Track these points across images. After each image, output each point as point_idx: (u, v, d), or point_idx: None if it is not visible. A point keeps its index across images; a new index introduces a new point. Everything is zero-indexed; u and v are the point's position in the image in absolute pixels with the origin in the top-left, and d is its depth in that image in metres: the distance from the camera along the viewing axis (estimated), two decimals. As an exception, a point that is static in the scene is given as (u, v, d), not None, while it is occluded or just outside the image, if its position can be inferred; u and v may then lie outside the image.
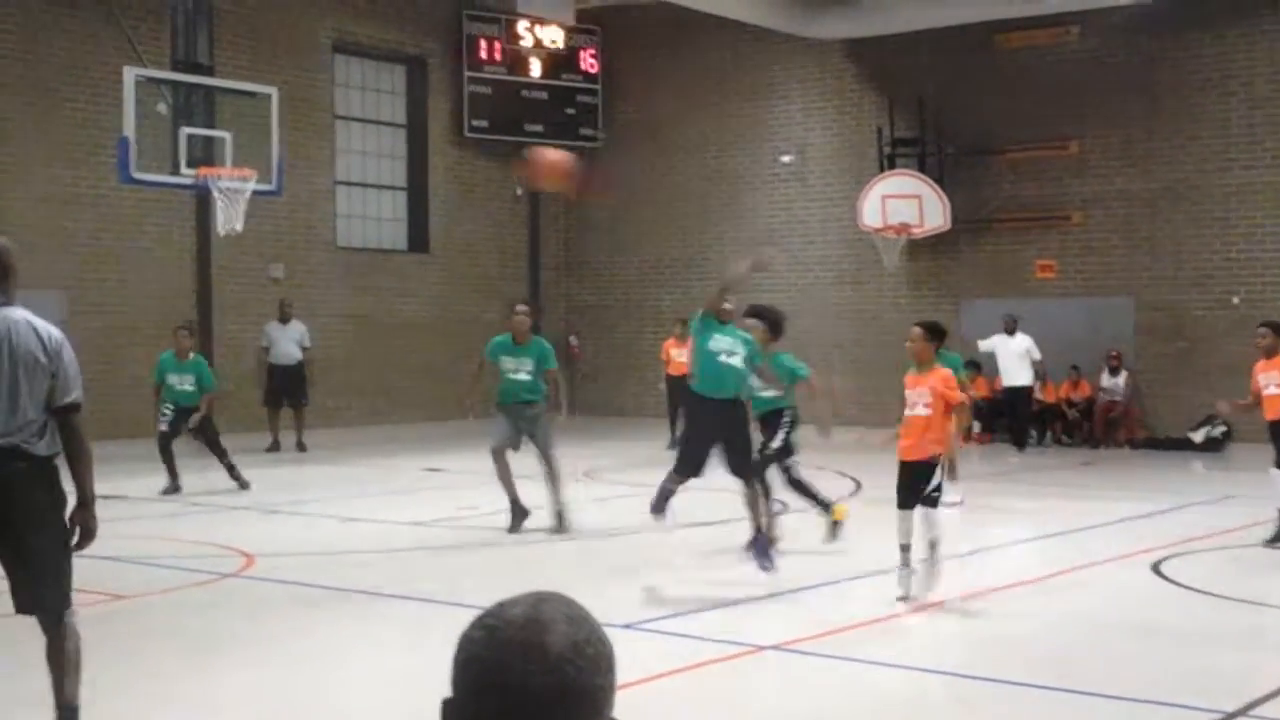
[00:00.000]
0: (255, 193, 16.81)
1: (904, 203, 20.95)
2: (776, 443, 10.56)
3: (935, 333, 9.30)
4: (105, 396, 19.15)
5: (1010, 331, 19.37)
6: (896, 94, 22.08)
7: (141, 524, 12.36)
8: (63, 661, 5.80)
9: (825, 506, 10.82)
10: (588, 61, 24.87)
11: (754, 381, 9.98)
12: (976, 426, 20.22)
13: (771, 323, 10.60)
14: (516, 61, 24.24)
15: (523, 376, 11.95)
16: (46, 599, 5.78)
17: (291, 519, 13.02)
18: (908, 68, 22.12)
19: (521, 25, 24.07)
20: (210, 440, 14.76)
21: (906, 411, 8.98)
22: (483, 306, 24.14)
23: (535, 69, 24.40)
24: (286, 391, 19.15)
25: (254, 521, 12.85)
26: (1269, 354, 11.05)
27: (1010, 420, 19.77)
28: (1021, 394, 19.34)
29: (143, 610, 8.98)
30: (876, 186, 21.29)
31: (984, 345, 19.47)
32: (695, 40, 23.99)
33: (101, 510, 6.12)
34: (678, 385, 18.73)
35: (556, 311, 24.97)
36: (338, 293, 21.98)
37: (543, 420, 12.01)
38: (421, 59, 23.73)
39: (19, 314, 5.70)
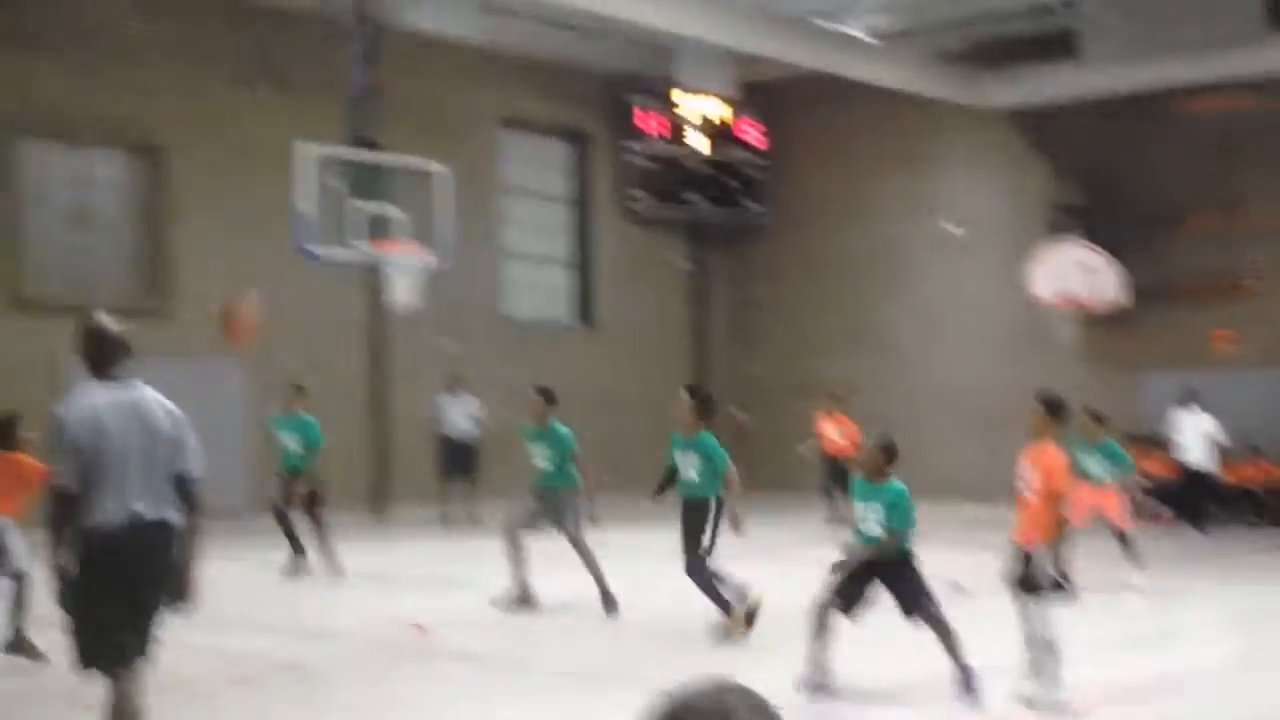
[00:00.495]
0: (426, 267, 17.09)
1: (1076, 273, 20.45)
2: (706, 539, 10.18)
3: (1051, 408, 8.57)
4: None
5: (1188, 405, 18.71)
6: (1066, 162, 21.71)
7: (321, 596, 12.53)
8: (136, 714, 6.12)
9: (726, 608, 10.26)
10: (751, 134, 24.91)
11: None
12: (1160, 507, 19.52)
13: (701, 401, 10.27)
14: (679, 135, 24.39)
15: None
16: (148, 651, 6.08)
17: (464, 591, 13.06)
18: (1078, 135, 21.74)
19: (685, 100, 24.23)
20: (315, 512, 14.04)
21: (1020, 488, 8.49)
22: (648, 380, 24.19)
23: (699, 143, 24.52)
24: (457, 464, 19.34)
25: (429, 593, 12.92)
26: None
27: (1190, 500, 18.98)
28: (1200, 473, 18.62)
29: (321, 680, 9.05)
30: (1047, 256, 20.85)
31: (1168, 424, 18.84)
32: (859, 111, 23.87)
33: (282, 581, 6.24)
34: (831, 461, 18.71)
35: (721, 385, 24.83)
36: (506, 365, 22.20)
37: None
38: (586, 134, 24.04)
39: (145, 391, 6.06)
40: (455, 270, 18.81)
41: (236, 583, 13.43)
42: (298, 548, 13.85)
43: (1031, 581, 8.23)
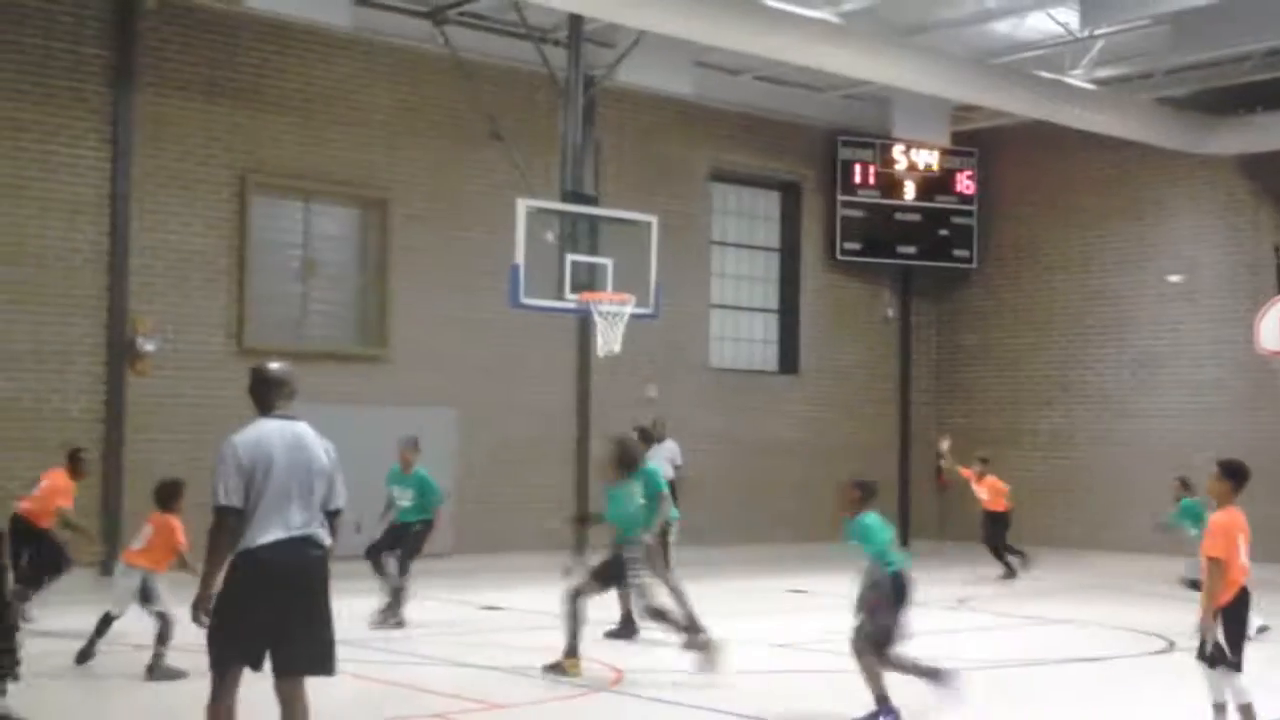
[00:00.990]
0: (633, 316, 17.37)
1: (1306, 325, 19.59)
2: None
3: (1229, 472, 8.22)
4: (493, 510, 20.11)
5: None
6: (1295, 210, 20.84)
7: (519, 635, 12.80)
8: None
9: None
10: (963, 183, 24.66)
11: None
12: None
13: (619, 456, 11.33)
14: (890, 184, 24.31)
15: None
16: (322, 661, 6.55)
17: (659, 635, 13.16)
18: (1306, 183, 20.88)
19: (896, 149, 24.16)
20: (405, 556, 13.67)
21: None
22: (852, 429, 24.06)
23: (909, 191, 24.40)
24: (657, 509, 19.48)
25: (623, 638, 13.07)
26: None
27: None
28: None
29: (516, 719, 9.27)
30: (1276, 306, 20.03)
31: None
32: (1075, 159, 23.40)
33: (484, 620, 6.53)
34: (986, 518, 19.29)
35: (927, 435, 24.54)
36: (709, 413, 22.37)
37: None
38: (795, 184, 24.14)
39: (306, 427, 6.65)
40: (662, 319, 19.09)
41: (439, 619, 13.84)
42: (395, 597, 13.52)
43: (1208, 652, 7.96)
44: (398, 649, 11.88)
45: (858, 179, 24.16)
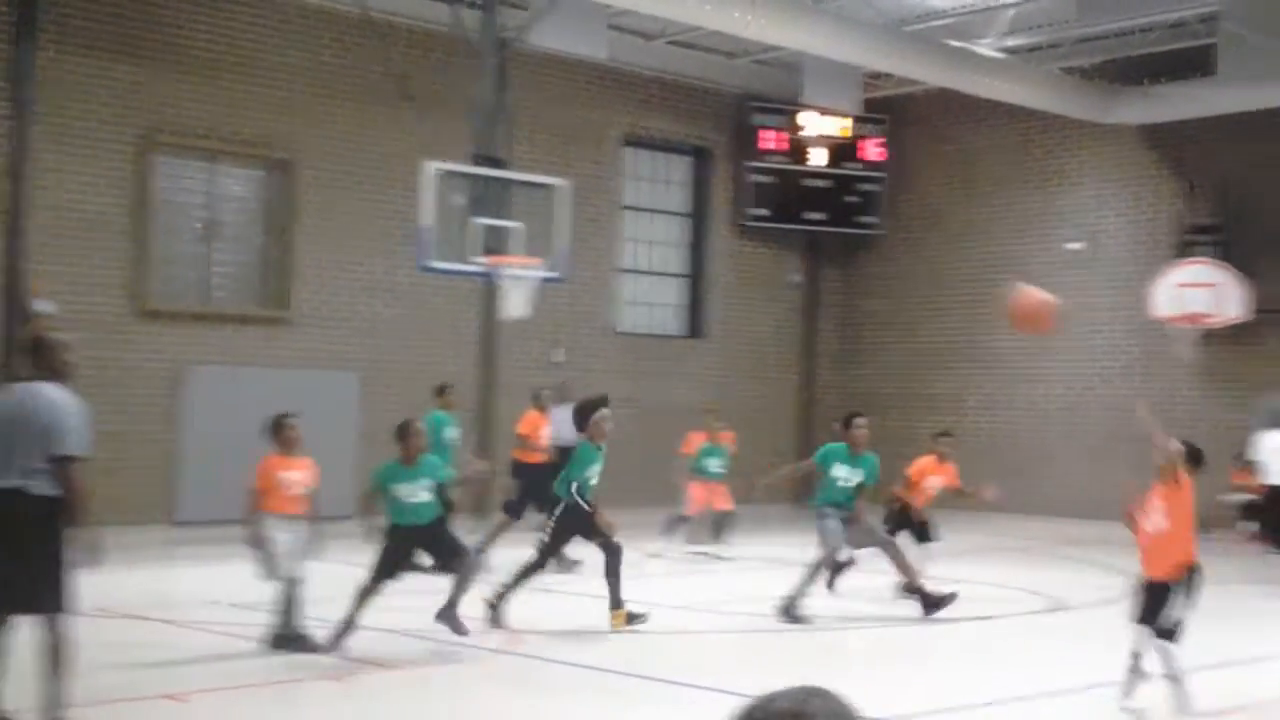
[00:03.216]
0: (541, 280, 17.39)
1: (1200, 291, 20.07)
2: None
3: (1193, 458, 8.74)
4: (396, 473, 20.08)
5: (1276, 425, 18.22)
6: (1196, 180, 21.30)
7: (416, 598, 12.82)
8: (52, 661, 7.02)
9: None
10: (871, 149, 24.88)
11: None
12: (1254, 526, 19.13)
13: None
14: (799, 151, 24.48)
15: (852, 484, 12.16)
16: (33, 600, 7.04)
17: (559, 598, 13.27)
18: (1208, 153, 21.33)
19: (806, 115, 24.31)
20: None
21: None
22: (758, 393, 24.27)
23: (818, 158, 24.58)
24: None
25: (522, 599, 13.15)
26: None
27: (1276, 520, 18.41)
28: None
29: (411, 682, 9.31)
30: (1171, 274, 20.50)
31: (1253, 445, 18.40)
32: (983, 127, 23.71)
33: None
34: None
35: (831, 399, 24.83)
36: (616, 377, 22.46)
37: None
38: (706, 150, 24.23)
39: (38, 388, 7.11)
40: (570, 283, 19.13)
41: (337, 583, 13.83)
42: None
43: (1159, 624, 8.23)
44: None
45: (767, 145, 24.29)
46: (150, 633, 10.74)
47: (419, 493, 10.33)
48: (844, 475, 12.03)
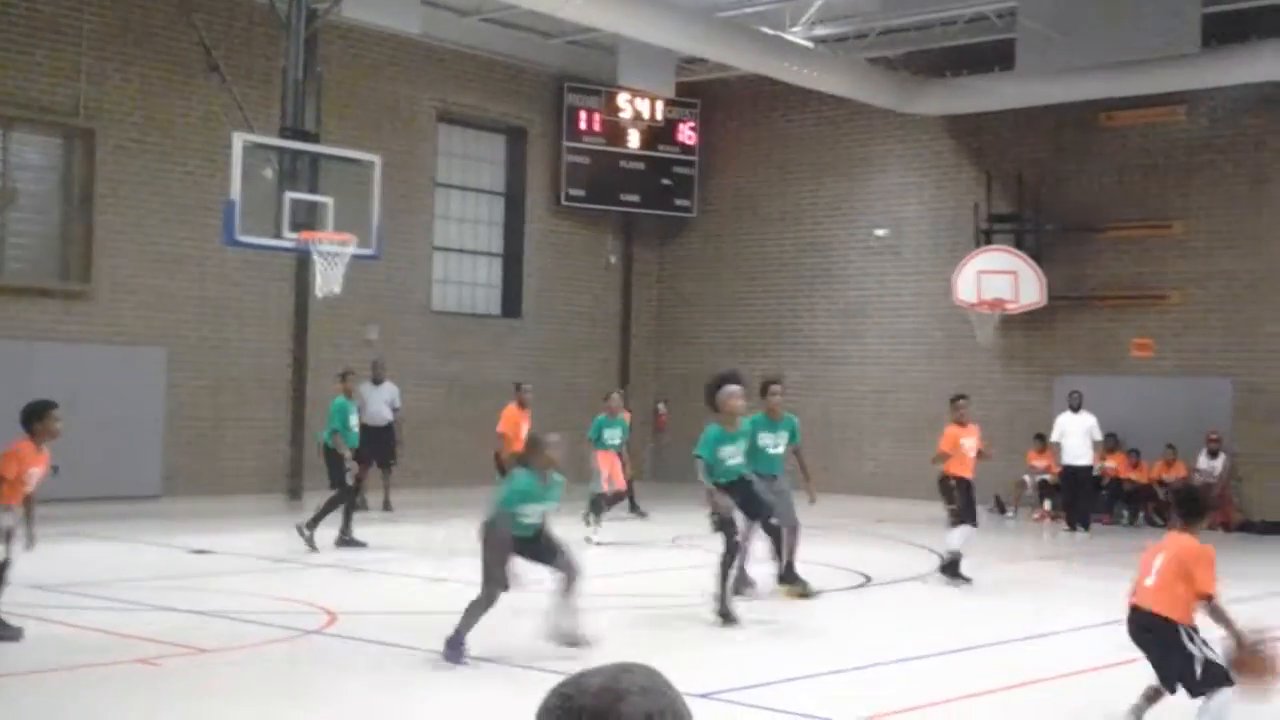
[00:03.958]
0: (354, 256, 17.10)
1: (999, 278, 20.81)
2: None
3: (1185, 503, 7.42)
4: (204, 453, 19.58)
5: (1075, 408, 19.10)
6: (995, 170, 22.03)
7: (229, 579, 12.55)
8: None
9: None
10: (685, 133, 25.13)
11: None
12: (1047, 504, 20.02)
13: None
14: (615, 132, 24.57)
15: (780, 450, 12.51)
16: None
17: (377, 578, 13.13)
18: (1007, 144, 22.10)
19: (621, 97, 24.41)
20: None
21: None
22: (574, 373, 24.32)
23: (633, 140, 24.72)
24: (375, 452, 19.30)
25: (339, 579, 12.98)
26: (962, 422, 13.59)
27: (1070, 498, 19.31)
28: (1081, 473, 18.96)
29: (224, 665, 9.10)
30: (972, 261, 21.20)
31: (1055, 427, 19.24)
32: (793, 114, 24.14)
33: (193, 564, 6.28)
34: None
35: (646, 379, 25.08)
36: (430, 355, 22.27)
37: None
38: (522, 129, 24.13)
39: None
40: (384, 261, 18.86)
41: (146, 564, 13.46)
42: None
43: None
44: (103, 595, 11.49)
45: (583, 126, 24.32)
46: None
47: (538, 513, 9.38)
48: (770, 442, 12.37)
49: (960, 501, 13.20)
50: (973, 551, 13.60)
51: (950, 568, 13.17)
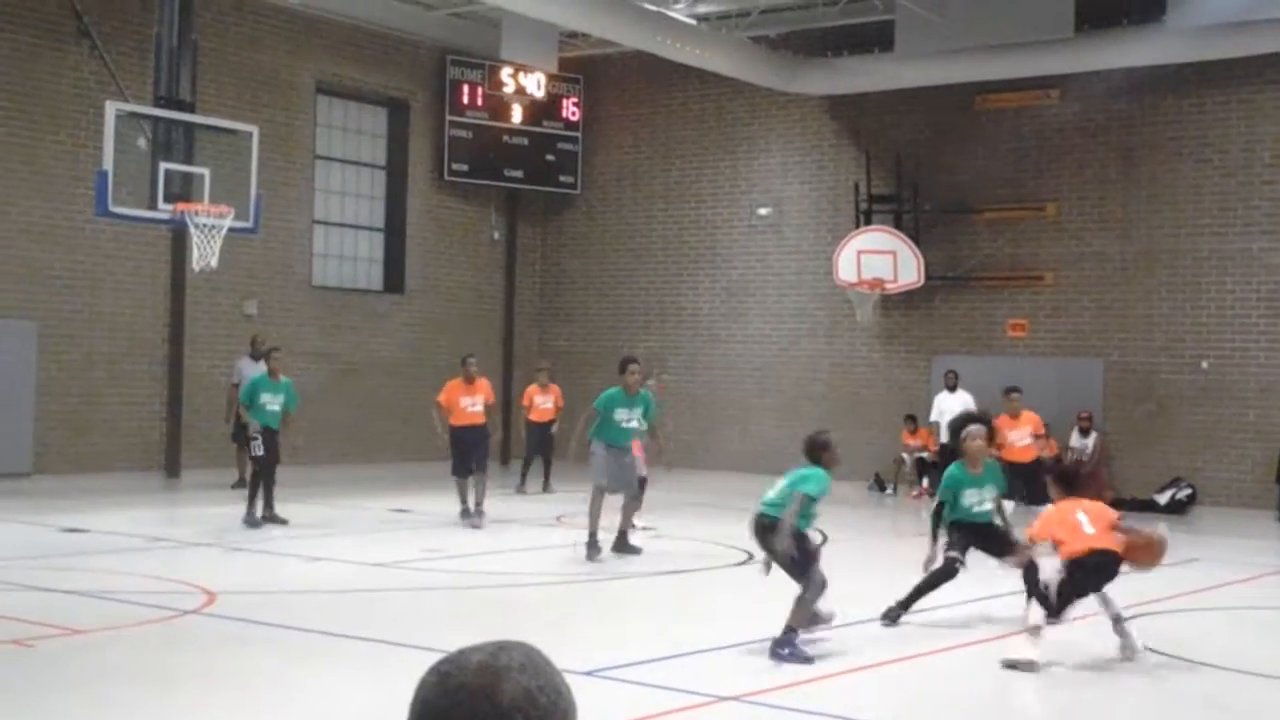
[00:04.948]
0: (232, 230, 16.77)
1: (879, 258, 21.09)
2: None
3: (1062, 479, 9.44)
4: (77, 429, 19.11)
5: (952, 388, 19.46)
6: (874, 151, 22.29)
7: (103, 559, 12.28)
8: None
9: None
10: (569, 109, 25.04)
11: None
12: (925, 482, 20.34)
13: None
14: (498, 107, 24.41)
15: (635, 424, 13.22)
16: None
17: (255, 557, 12.93)
18: (886, 125, 22.36)
19: (504, 72, 24.25)
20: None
21: None
22: (456, 348, 24.12)
23: (517, 115, 24.57)
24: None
25: (217, 559, 12.77)
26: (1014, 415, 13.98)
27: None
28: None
29: (100, 645, 8.90)
30: (852, 241, 21.44)
31: (933, 407, 19.59)
32: (676, 92, 24.18)
33: (65, 543, 6.11)
34: (536, 428, 19.37)
35: (530, 356, 24.98)
36: (311, 331, 21.98)
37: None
38: (404, 102, 23.85)
39: None
40: (263, 234, 18.54)
41: (17, 543, 13.11)
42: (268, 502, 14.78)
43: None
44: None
45: (466, 100, 24.13)
46: None
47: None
48: (625, 416, 13.09)
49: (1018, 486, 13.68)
50: (850, 529, 13.78)
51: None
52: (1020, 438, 14.18)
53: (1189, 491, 19.36)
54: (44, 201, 18.82)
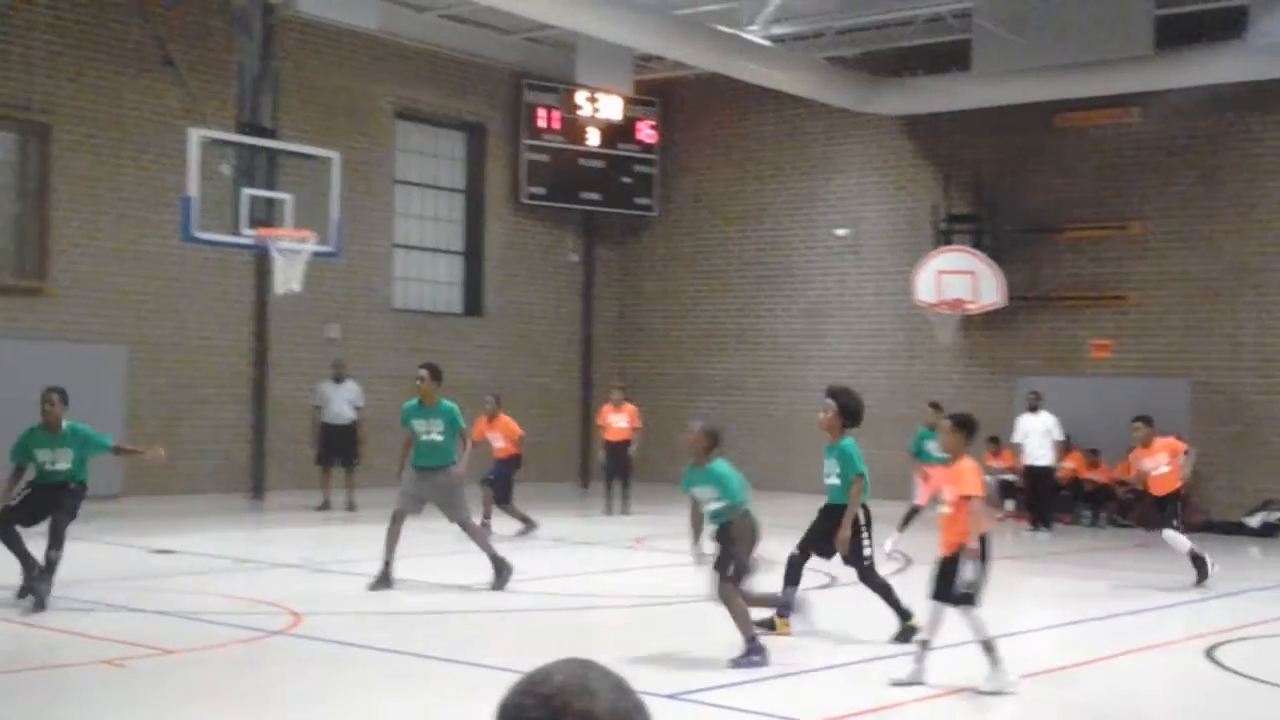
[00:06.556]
0: (314, 254, 16.99)
1: (959, 278, 20.91)
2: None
3: (961, 424, 8.92)
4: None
5: (1034, 409, 19.17)
6: (953, 170, 22.15)
7: (192, 579, 12.44)
8: None
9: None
10: (645, 131, 25.11)
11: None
12: (1010, 505, 20.09)
13: (846, 410, 10.24)
14: (574, 130, 24.52)
15: (435, 438, 12.28)
16: None
17: (340, 578, 13.04)
18: (965, 145, 22.21)
19: (580, 95, 24.36)
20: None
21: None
22: (535, 370, 24.29)
23: (593, 138, 24.68)
24: (338, 451, 19.22)
25: (303, 580, 12.89)
26: (1145, 443, 13.57)
27: (1032, 498, 19.38)
28: (1042, 473, 19.00)
29: (188, 665, 9.01)
30: (931, 261, 21.29)
31: (1015, 428, 19.27)
32: (752, 113, 24.18)
33: (155, 564, 6.19)
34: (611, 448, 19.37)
35: (607, 377, 24.99)
36: (391, 354, 22.16)
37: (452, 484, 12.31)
38: (481, 126, 24.04)
39: None
40: (344, 258, 18.76)
41: (108, 564, 13.31)
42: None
43: (952, 592, 8.49)
44: (66, 595, 11.35)
45: (542, 123, 24.26)
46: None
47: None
48: (423, 429, 12.34)
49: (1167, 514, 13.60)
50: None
51: (1198, 563, 13.38)
52: (1155, 466, 13.59)
53: (1280, 515, 18.99)
54: (131, 228, 19.16)
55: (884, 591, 10.16)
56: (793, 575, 10.29)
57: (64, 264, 18.65)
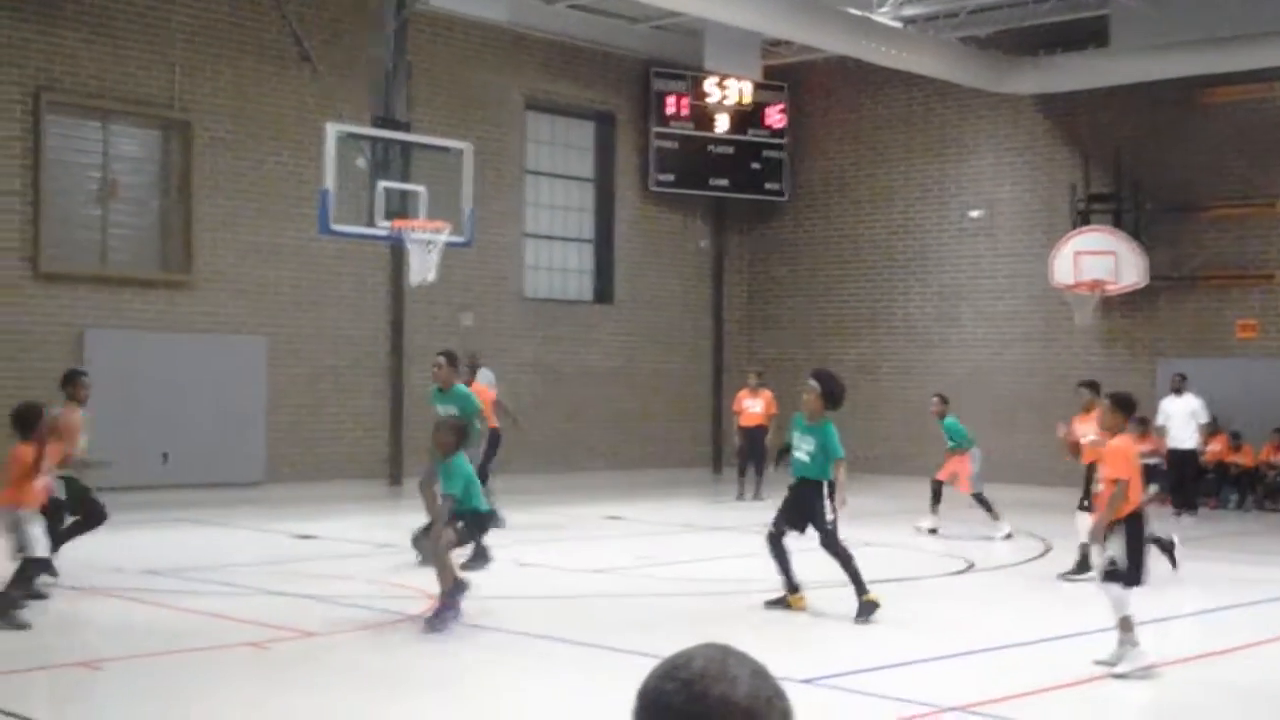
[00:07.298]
0: (447, 244, 17.18)
1: (1098, 259, 20.44)
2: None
3: (1120, 403, 8.98)
4: (305, 440, 19.82)
5: (1178, 392, 18.65)
6: (1091, 149, 21.66)
7: (332, 564, 12.69)
8: None
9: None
10: (774, 117, 24.97)
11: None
12: (1153, 488, 19.55)
13: (829, 392, 10.60)
14: (703, 117, 24.48)
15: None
16: None
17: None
18: (1103, 123, 21.70)
19: (708, 82, 24.31)
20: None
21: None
22: (665, 357, 24.33)
23: (722, 124, 24.61)
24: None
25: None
26: (1087, 410, 12.96)
27: (1176, 482, 18.86)
28: (1187, 456, 18.50)
29: (329, 648, 9.19)
30: (1070, 242, 20.84)
31: (1159, 411, 18.77)
32: (882, 95, 23.89)
33: (296, 549, 6.34)
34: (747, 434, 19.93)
35: (739, 363, 24.96)
36: (523, 342, 22.37)
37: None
38: (610, 114, 24.12)
39: None
40: (476, 248, 18.94)
41: (251, 549, 13.65)
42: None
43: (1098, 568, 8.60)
44: (212, 579, 11.67)
45: (671, 111, 24.27)
46: (57, 600, 10.46)
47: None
48: (442, 413, 12.32)
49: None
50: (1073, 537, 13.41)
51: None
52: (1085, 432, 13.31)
53: None
54: (270, 221, 19.58)
55: (844, 560, 10.36)
56: (779, 553, 10.62)
57: (206, 258, 19.12)
